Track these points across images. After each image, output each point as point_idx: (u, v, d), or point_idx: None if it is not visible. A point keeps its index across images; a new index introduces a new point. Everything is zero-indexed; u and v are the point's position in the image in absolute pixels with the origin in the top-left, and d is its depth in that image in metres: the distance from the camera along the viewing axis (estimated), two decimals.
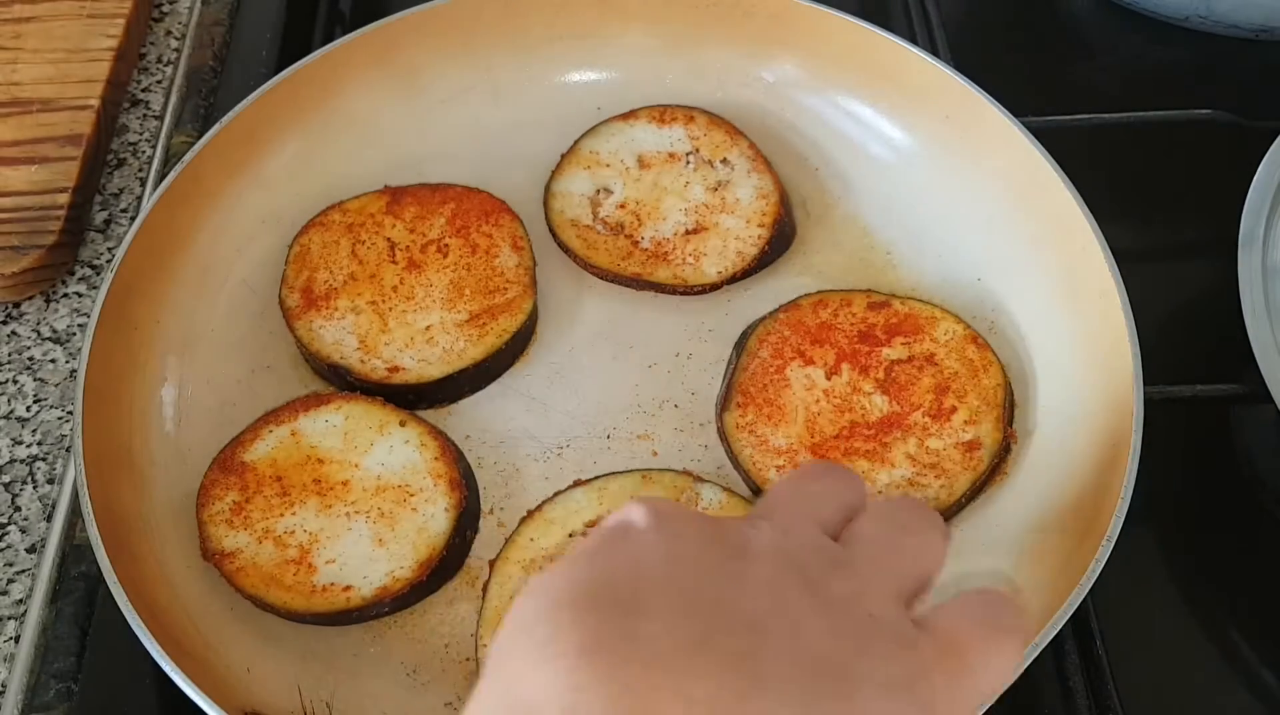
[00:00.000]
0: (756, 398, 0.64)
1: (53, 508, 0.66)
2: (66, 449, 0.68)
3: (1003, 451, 0.62)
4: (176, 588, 0.59)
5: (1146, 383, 0.57)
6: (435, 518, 0.60)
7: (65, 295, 0.74)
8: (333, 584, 0.58)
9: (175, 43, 0.87)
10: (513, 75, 0.77)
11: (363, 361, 0.65)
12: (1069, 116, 0.75)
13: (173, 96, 0.84)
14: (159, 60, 0.86)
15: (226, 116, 0.69)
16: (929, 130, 0.72)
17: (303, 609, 0.57)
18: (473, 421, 0.66)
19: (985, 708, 0.38)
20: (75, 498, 0.65)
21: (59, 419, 0.69)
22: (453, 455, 0.62)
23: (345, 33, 0.74)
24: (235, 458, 0.62)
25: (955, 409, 0.62)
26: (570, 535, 0.59)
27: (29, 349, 0.72)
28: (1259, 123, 0.72)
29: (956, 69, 0.70)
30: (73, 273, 0.75)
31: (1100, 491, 0.57)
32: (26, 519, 0.65)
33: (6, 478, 0.67)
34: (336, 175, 0.73)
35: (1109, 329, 0.60)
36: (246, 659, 0.57)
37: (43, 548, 0.64)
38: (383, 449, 0.62)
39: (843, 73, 0.74)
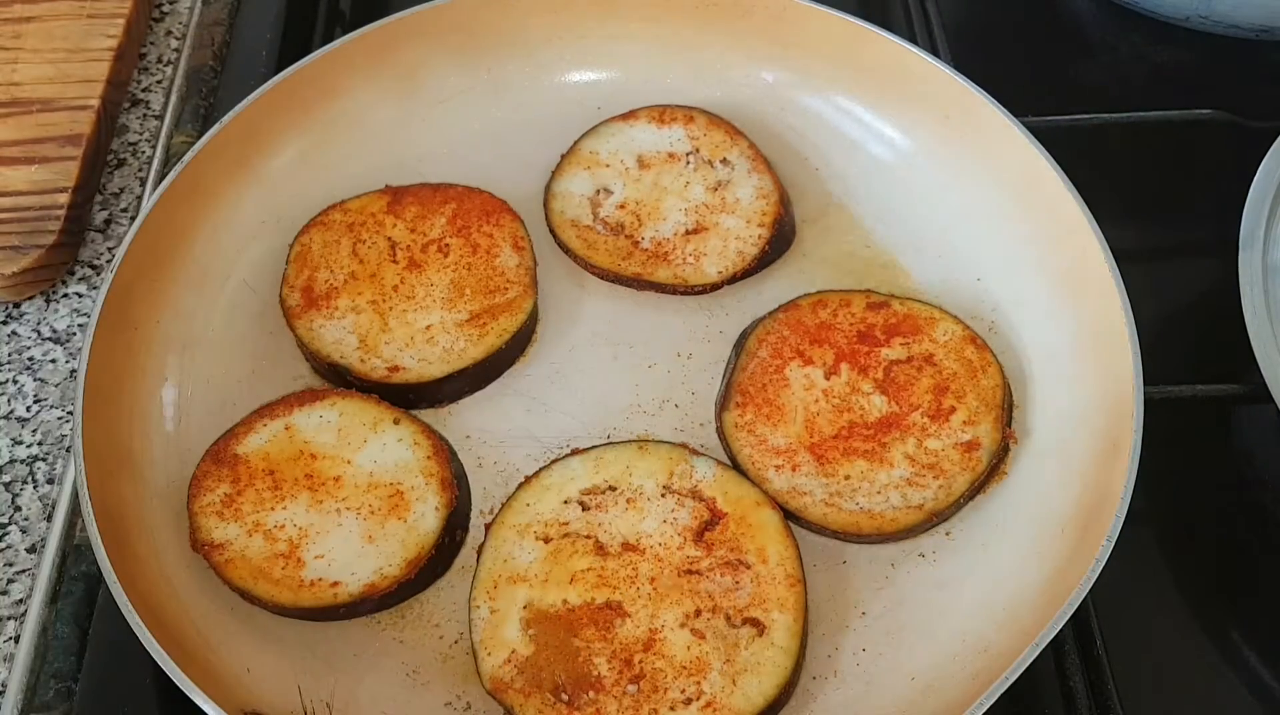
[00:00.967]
0: (756, 397, 0.64)
1: (53, 508, 0.66)
2: (67, 449, 0.68)
3: (1001, 452, 0.62)
4: (176, 587, 0.59)
5: (1146, 382, 0.57)
6: (425, 517, 0.60)
7: (65, 295, 0.74)
8: (320, 579, 0.58)
9: (175, 43, 0.87)
10: (513, 75, 0.77)
11: (363, 361, 0.65)
12: (1069, 116, 0.75)
13: (173, 96, 0.84)
14: (159, 60, 0.86)
15: (226, 116, 0.69)
16: (929, 130, 0.72)
17: (290, 603, 0.58)
18: (473, 422, 0.66)
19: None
20: (75, 498, 0.65)
21: (59, 419, 0.69)
22: (445, 455, 0.62)
23: (345, 33, 0.74)
24: (228, 450, 0.62)
25: (954, 409, 0.62)
26: (565, 501, 0.60)
27: (29, 349, 0.72)
28: (1259, 122, 0.72)
29: (956, 69, 0.70)
30: (73, 273, 0.75)
31: (1100, 491, 0.57)
32: (27, 519, 0.65)
33: (7, 477, 0.67)
34: (336, 175, 0.73)
35: (1109, 329, 0.60)
36: (246, 659, 0.57)
37: (43, 548, 0.64)
38: (376, 446, 0.62)
39: (843, 73, 0.74)
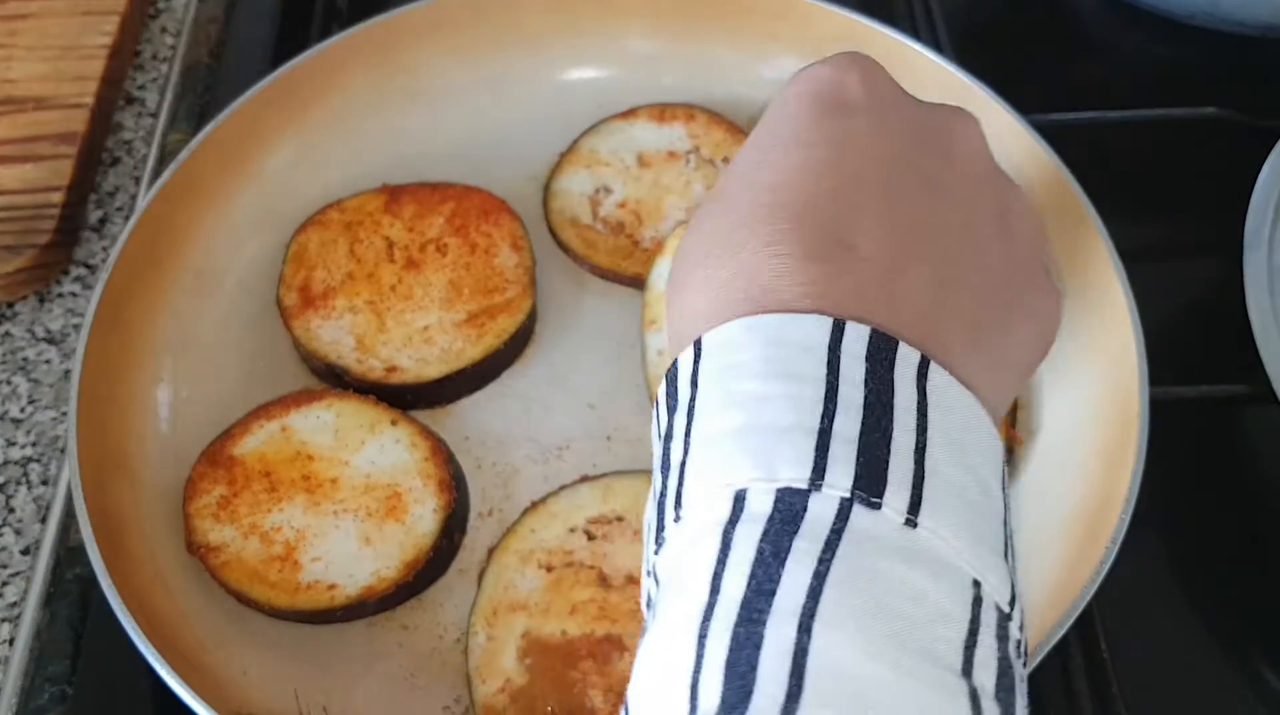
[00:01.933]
0: None
1: (47, 510, 0.65)
2: (61, 450, 0.67)
3: (1006, 452, 0.61)
4: (172, 590, 0.58)
5: (1151, 383, 0.57)
6: (423, 519, 0.59)
7: (60, 295, 0.73)
8: (317, 582, 0.58)
9: (171, 39, 0.87)
10: (512, 73, 0.76)
11: (360, 361, 0.65)
12: (1072, 114, 0.74)
13: (168, 94, 0.83)
14: (154, 57, 0.86)
15: (222, 114, 0.69)
16: None
17: (286, 606, 0.57)
18: (472, 422, 0.65)
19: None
20: (69, 500, 0.64)
21: (53, 420, 0.68)
22: (443, 456, 0.61)
23: (342, 29, 0.74)
24: (224, 451, 0.61)
25: None
26: (571, 530, 0.59)
27: (23, 350, 0.71)
28: (1265, 121, 0.72)
29: (959, 66, 0.69)
30: (67, 272, 0.74)
31: (1105, 493, 0.56)
32: (20, 521, 0.65)
33: (0, 479, 0.66)
34: (334, 173, 0.72)
35: (1114, 329, 0.60)
36: (242, 662, 0.57)
37: (37, 550, 0.64)
38: (373, 448, 0.61)
39: None
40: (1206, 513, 0.66)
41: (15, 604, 0.62)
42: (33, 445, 0.68)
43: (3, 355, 0.71)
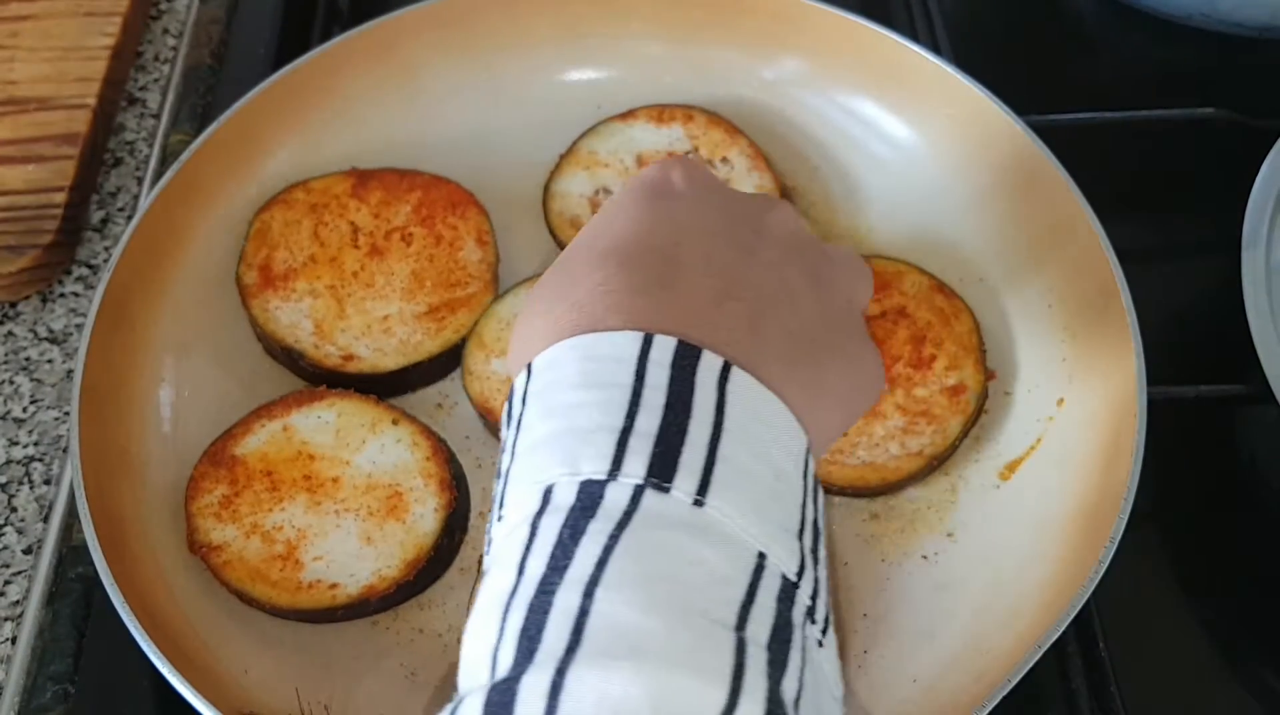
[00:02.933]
0: None
1: (49, 509, 0.65)
2: (63, 450, 0.67)
3: (985, 393, 0.63)
4: (174, 589, 0.58)
5: (1150, 383, 0.57)
6: (424, 518, 0.59)
7: (62, 295, 0.74)
8: (319, 581, 0.58)
9: (173, 41, 0.87)
10: (511, 74, 0.76)
11: (317, 347, 0.65)
12: (1071, 115, 0.74)
13: (170, 95, 0.83)
14: (156, 58, 0.86)
15: (224, 115, 0.69)
16: (931, 129, 0.72)
17: (288, 605, 0.57)
18: (473, 422, 0.66)
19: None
20: (72, 499, 0.65)
21: (55, 420, 0.69)
22: (444, 456, 0.61)
23: (343, 31, 0.74)
24: (226, 451, 0.61)
25: (935, 357, 0.64)
26: None
27: (25, 349, 0.71)
28: (1262, 121, 0.72)
29: (958, 67, 0.69)
30: (69, 272, 0.75)
31: (1103, 493, 0.56)
32: (23, 520, 0.65)
33: (3, 479, 0.67)
34: (334, 172, 0.72)
35: (1112, 329, 0.60)
36: (244, 661, 0.57)
37: (39, 549, 0.64)
38: (374, 447, 0.61)
39: (843, 71, 0.74)
40: (1204, 512, 0.66)
41: (18, 603, 0.62)
42: (35, 445, 0.68)
43: (5, 355, 0.71)
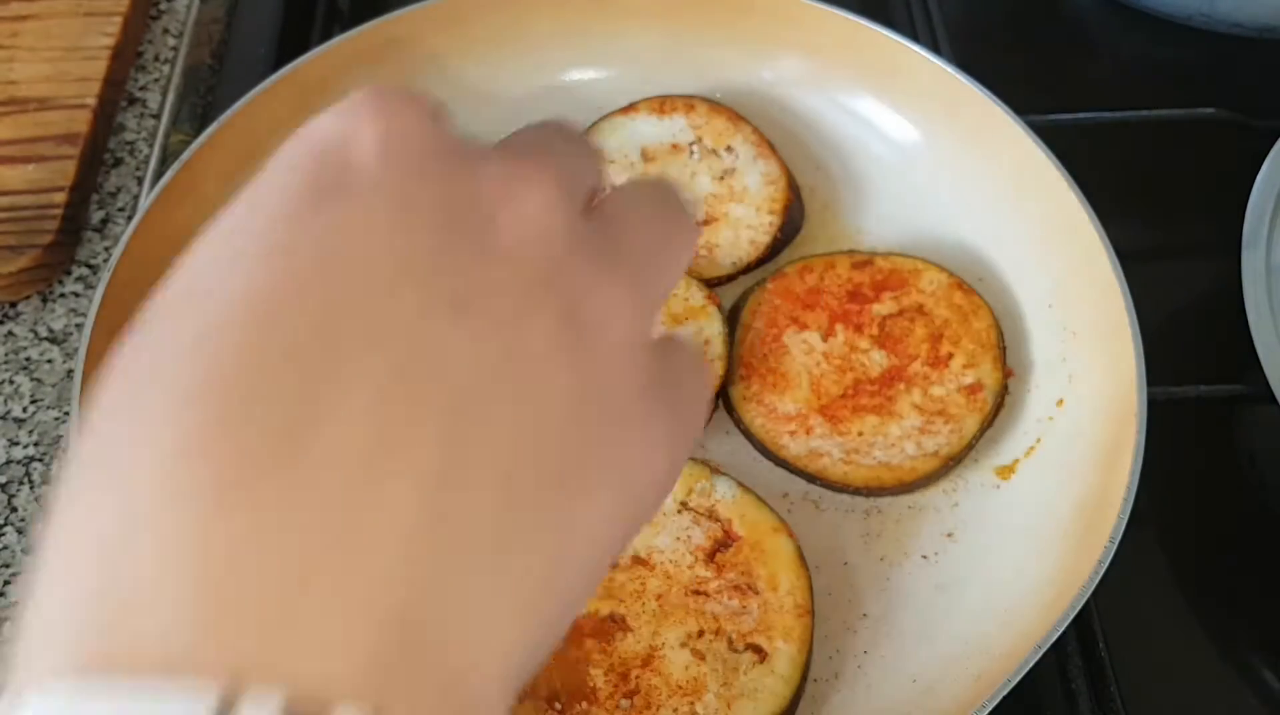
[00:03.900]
0: (758, 368, 0.64)
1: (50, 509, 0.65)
2: (64, 450, 0.67)
3: (1004, 391, 0.63)
4: None
5: (1149, 383, 0.57)
6: None
7: (62, 295, 0.74)
8: None
9: (173, 41, 0.87)
10: (512, 74, 0.76)
11: None
12: (1071, 115, 0.75)
13: (170, 95, 0.83)
14: (156, 58, 0.86)
15: (224, 115, 0.69)
16: (931, 129, 0.72)
17: None
18: None
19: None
20: None
21: (56, 420, 0.69)
22: None
23: (344, 30, 0.74)
24: None
25: (952, 355, 0.64)
26: None
27: (25, 349, 0.71)
28: (1263, 121, 0.72)
29: (958, 67, 0.69)
30: (70, 272, 0.75)
31: (1103, 493, 0.56)
32: (23, 520, 0.65)
33: (3, 479, 0.67)
34: None
35: (1112, 329, 0.60)
36: None
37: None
38: None
39: (843, 71, 0.74)
40: (1204, 512, 0.66)
41: (18, 604, 0.62)
42: (35, 445, 0.68)
43: (5, 355, 0.71)
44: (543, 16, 0.76)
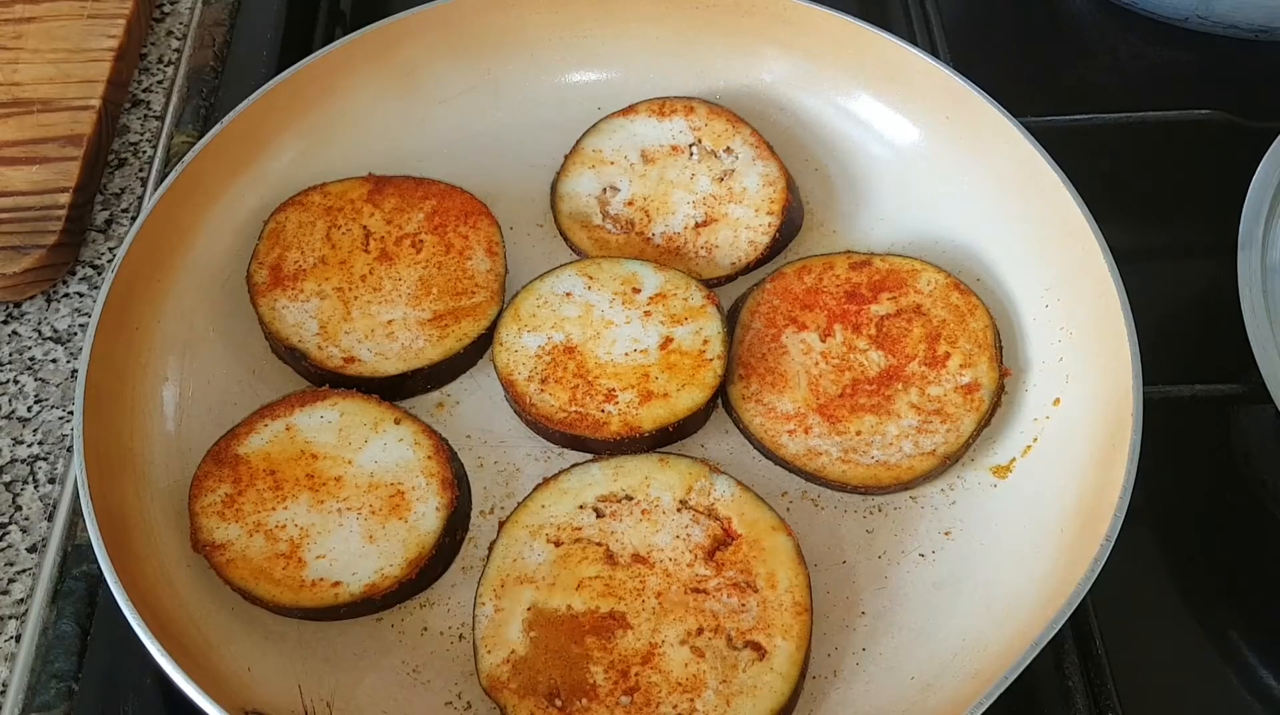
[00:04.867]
0: (757, 367, 0.65)
1: (54, 507, 0.66)
2: (68, 449, 0.68)
3: (1001, 391, 0.63)
4: (177, 587, 0.59)
5: (1145, 382, 0.57)
6: (426, 516, 0.60)
7: (66, 295, 0.74)
8: (322, 579, 0.58)
9: (176, 43, 0.87)
10: (513, 75, 0.77)
11: (320, 347, 0.65)
12: (1068, 117, 0.75)
13: (173, 97, 0.84)
14: (160, 61, 0.86)
15: (227, 117, 0.70)
16: (929, 131, 0.72)
17: (291, 603, 0.58)
18: (474, 421, 0.66)
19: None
20: (76, 498, 0.65)
21: (60, 419, 0.69)
22: (446, 455, 0.62)
23: (346, 33, 0.74)
24: (229, 451, 0.62)
25: (949, 355, 0.64)
26: (580, 507, 0.60)
27: (30, 349, 0.72)
28: (1258, 123, 0.73)
29: (956, 70, 0.70)
30: (74, 272, 0.75)
31: (1100, 491, 0.57)
32: (28, 519, 0.65)
33: (8, 477, 0.67)
34: (336, 175, 0.73)
35: (1108, 329, 0.60)
36: (247, 658, 0.57)
37: (44, 547, 0.64)
38: (377, 446, 0.62)
39: (842, 73, 0.74)
40: (1200, 510, 0.66)
41: (22, 600, 0.63)
42: (40, 444, 0.68)
43: (10, 354, 0.72)
44: (543, 19, 0.76)
